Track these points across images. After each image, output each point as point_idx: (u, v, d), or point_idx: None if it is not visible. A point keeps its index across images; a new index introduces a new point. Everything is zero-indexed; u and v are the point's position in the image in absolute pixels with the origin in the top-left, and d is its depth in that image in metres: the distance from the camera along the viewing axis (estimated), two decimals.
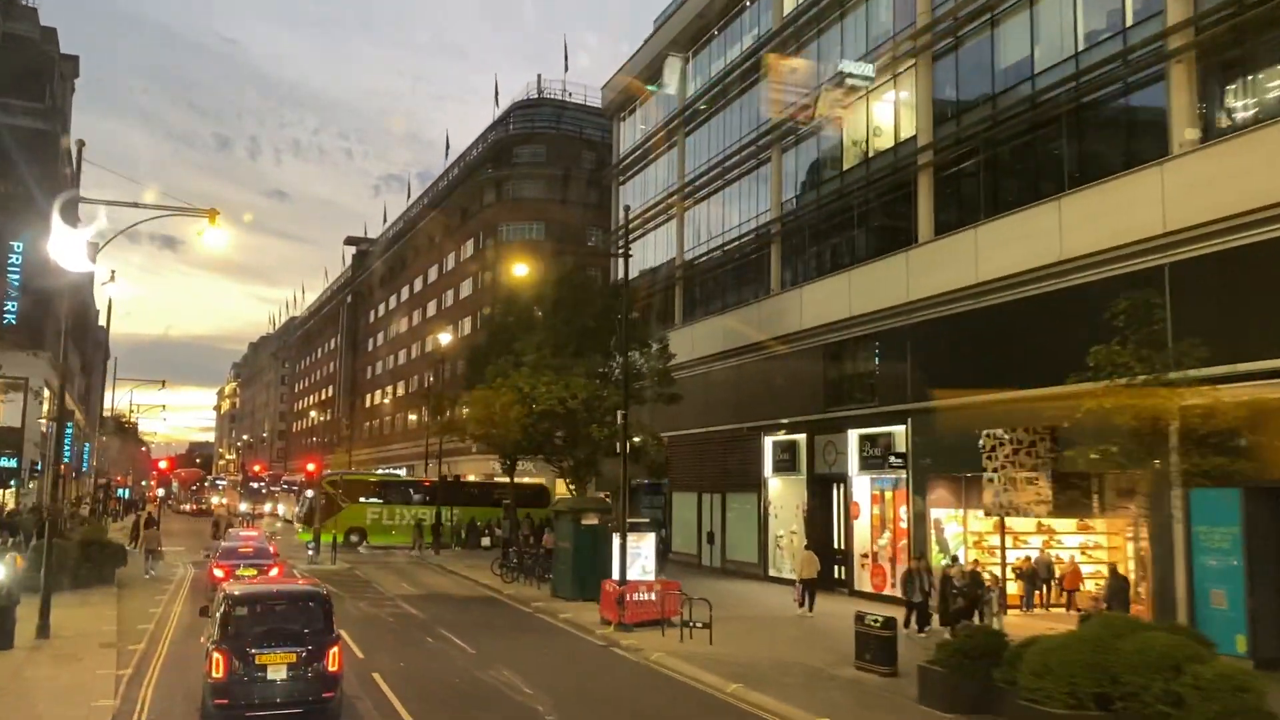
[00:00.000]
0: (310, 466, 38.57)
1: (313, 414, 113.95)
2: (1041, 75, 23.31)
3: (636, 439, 26.20)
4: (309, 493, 46.89)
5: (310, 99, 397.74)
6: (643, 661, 18.24)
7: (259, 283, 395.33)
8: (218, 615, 12.46)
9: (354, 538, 44.97)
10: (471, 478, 59.38)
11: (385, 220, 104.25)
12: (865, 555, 28.37)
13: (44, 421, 51.00)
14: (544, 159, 65.60)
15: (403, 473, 76.53)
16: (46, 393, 51.74)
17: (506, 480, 55.26)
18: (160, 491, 63.41)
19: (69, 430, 65.42)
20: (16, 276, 48.82)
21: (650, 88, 43.65)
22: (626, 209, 25.24)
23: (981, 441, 22.93)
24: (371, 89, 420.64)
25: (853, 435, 28.50)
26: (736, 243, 36.77)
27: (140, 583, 28.91)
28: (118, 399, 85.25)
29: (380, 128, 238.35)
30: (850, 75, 30.12)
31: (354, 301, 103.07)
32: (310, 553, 36.58)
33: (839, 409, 29.50)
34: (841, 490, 29.54)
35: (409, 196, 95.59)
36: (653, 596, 22.19)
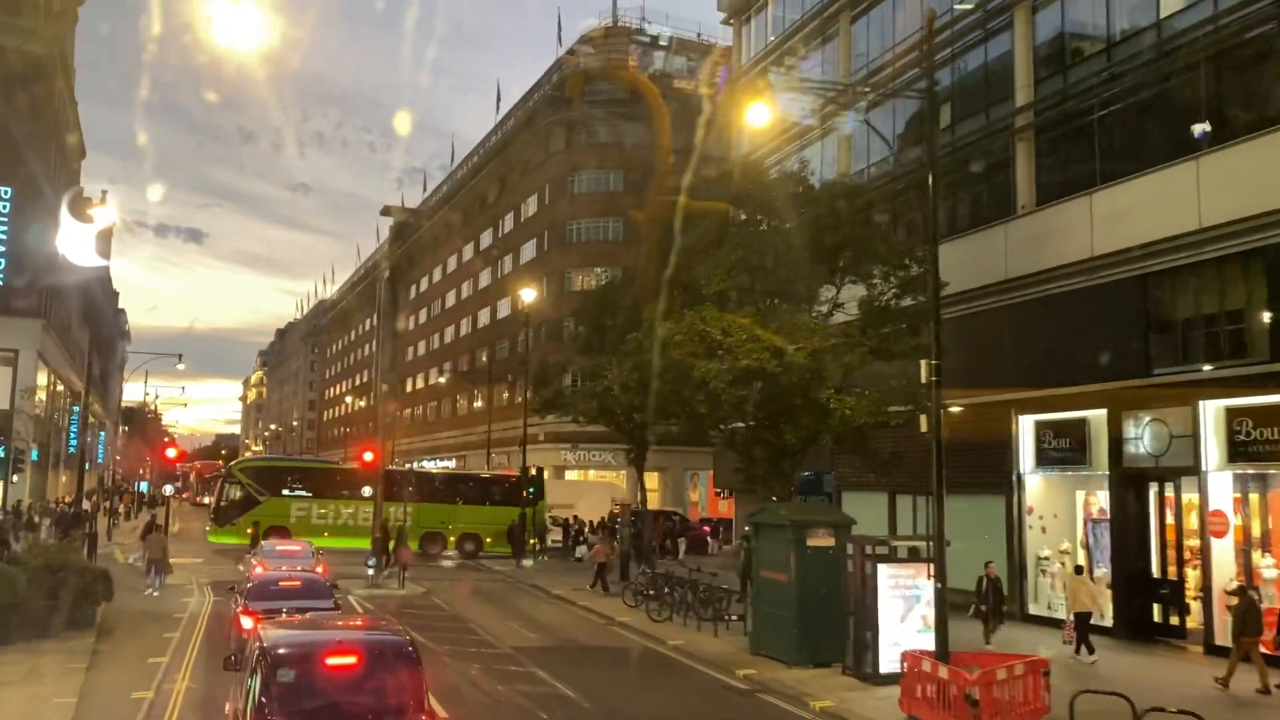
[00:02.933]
0: (368, 456, 29.05)
1: (348, 399, 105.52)
2: None
3: (954, 409, 16.54)
4: (230, 486, 37.35)
5: (334, 91, 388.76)
6: None
7: (283, 276, 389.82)
8: (253, 680, 8.07)
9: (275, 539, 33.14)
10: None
11: (425, 189, 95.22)
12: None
13: (41, 402, 43.54)
14: (622, 96, 55.57)
15: (451, 464, 67.21)
16: (44, 372, 43.82)
17: (478, 471, 45.66)
18: (168, 488, 54.39)
19: (74, 414, 57.19)
20: (4, 227, 40.17)
21: None
22: (932, 14, 15.36)
23: None
24: (393, 82, 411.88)
25: (1208, 409, 18.61)
26: (948, 150, 26.85)
27: (132, 623, 20.00)
28: (139, 387, 77.04)
29: (402, 120, 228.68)
30: None
31: (392, 277, 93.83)
32: (369, 572, 27.07)
33: (1175, 369, 19.63)
34: (1172, 491, 19.75)
35: (452, 159, 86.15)
36: (1015, 682, 12.59)
